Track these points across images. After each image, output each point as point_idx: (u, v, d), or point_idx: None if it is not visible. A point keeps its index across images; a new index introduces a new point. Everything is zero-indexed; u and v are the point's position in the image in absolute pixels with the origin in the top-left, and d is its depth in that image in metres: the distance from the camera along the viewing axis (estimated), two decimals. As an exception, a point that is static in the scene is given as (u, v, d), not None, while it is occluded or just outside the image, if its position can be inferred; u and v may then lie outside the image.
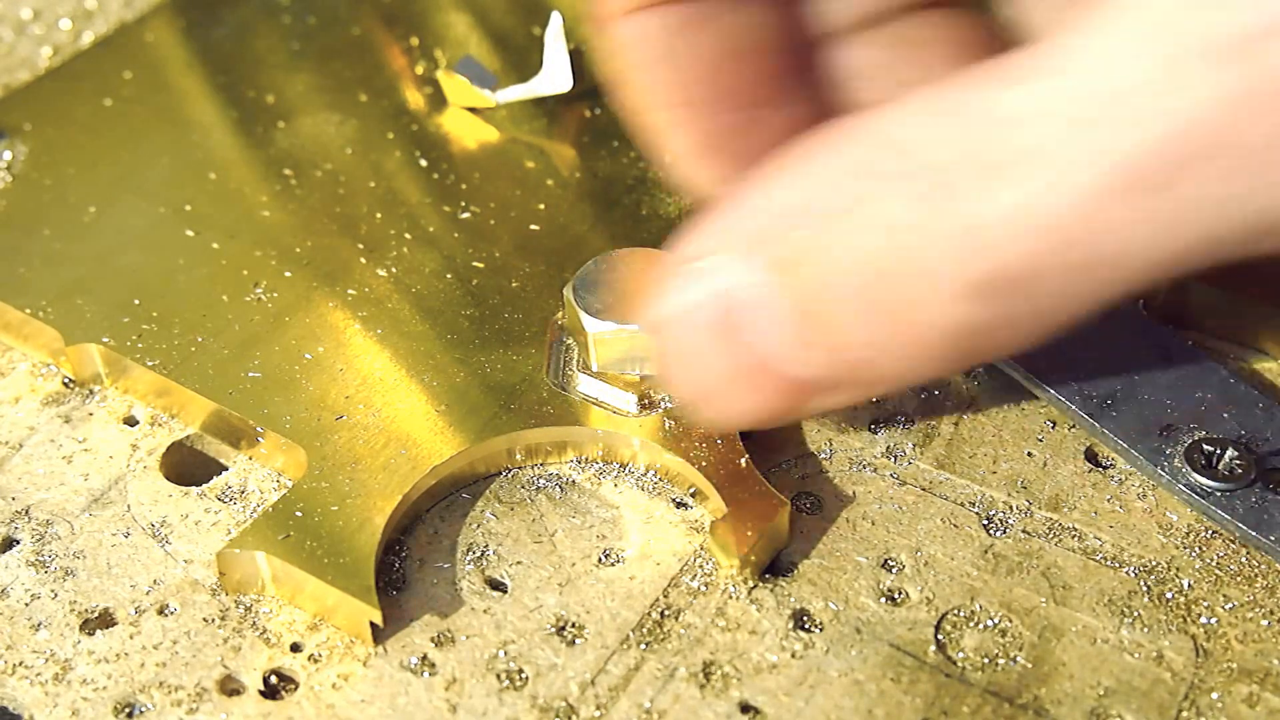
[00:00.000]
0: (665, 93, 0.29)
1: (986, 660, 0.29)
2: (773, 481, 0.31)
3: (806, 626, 0.29)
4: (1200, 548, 0.31)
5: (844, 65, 0.31)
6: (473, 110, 0.42)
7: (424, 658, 0.29)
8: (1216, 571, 0.30)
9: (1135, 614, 0.30)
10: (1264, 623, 0.29)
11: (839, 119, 0.24)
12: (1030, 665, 0.29)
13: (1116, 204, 0.21)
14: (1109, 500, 0.32)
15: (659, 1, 0.28)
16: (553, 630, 0.29)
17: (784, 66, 0.30)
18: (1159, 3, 0.21)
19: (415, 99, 0.42)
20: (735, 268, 0.25)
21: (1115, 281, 0.23)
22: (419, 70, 0.43)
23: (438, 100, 0.42)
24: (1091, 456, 0.33)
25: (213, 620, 0.30)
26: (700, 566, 0.30)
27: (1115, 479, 0.32)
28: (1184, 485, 0.31)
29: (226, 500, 0.32)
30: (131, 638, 0.29)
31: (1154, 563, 0.31)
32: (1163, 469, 0.31)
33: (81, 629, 0.30)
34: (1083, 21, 0.22)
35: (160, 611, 0.30)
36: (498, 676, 0.29)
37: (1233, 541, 0.31)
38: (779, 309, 0.25)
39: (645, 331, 0.29)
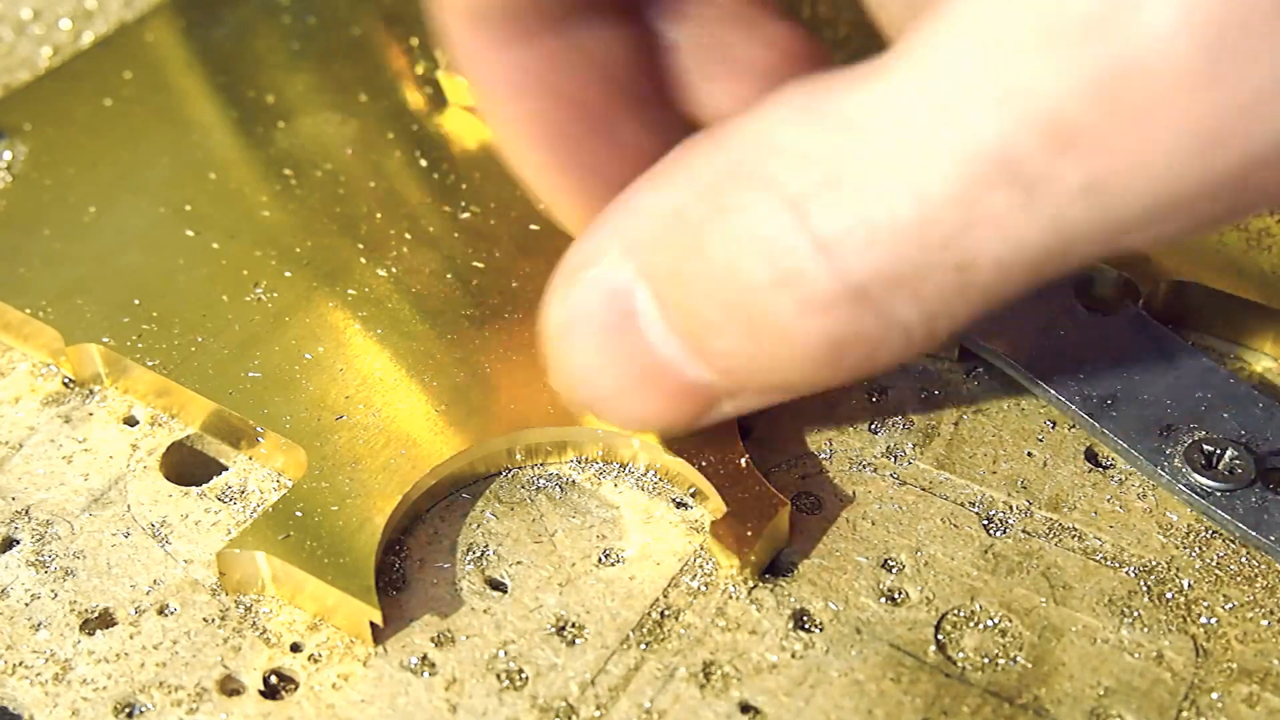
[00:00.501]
0: (533, 125, 0.29)
1: (986, 660, 0.29)
2: (773, 481, 0.31)
3: (806, 626, 0.29)
4: (1200, 548, 0.31)
5: (687, 79, 0.31)
6: (473, 110, 0.42)
7: (424, 658, 0.29)
8: (1216, 571, 0.30)
9: (1135, 614, 0.30)
10: (1264, 623, 0.29)
11: (714, 125, 0.24)
12: (1030, 665, 0.29)
13: (988, 197, 0.21)
14: (1109, 500, 0.32)
15: (531, 33, 0.28)
16: (553, 630, 0.29)
17: (653, 91, 0.30)
18: None
19: (415, 99, 0.42)
20: (621, 273, 0.25)
21: (998, 276, 0.22)
22: (419, 70, 0.43)
23: (438, 100, 0.42)
24: (1091, 456, 0.33)
25: (213, 620, 0.30)
26: (700, 566, 0.31)
27: (1115, 479, 0.32)
28: (1184, 485, 0.31)
29: (226, 500, 0.32)
30: (131, 638, 0.29)
31: (1154, 563, 0.31)
32: (1163, 469, 0.31)
33: (81, 629, 0.30)
34: (934, 15, 0.21)
35: (160, 611, 0.30)
36: (498, 676, 0.29)
37: (1233, 541, 0.31)
38: (663, 316, 0.24)
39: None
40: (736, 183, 0.23)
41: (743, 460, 0.31)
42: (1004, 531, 0.31)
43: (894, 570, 0.30)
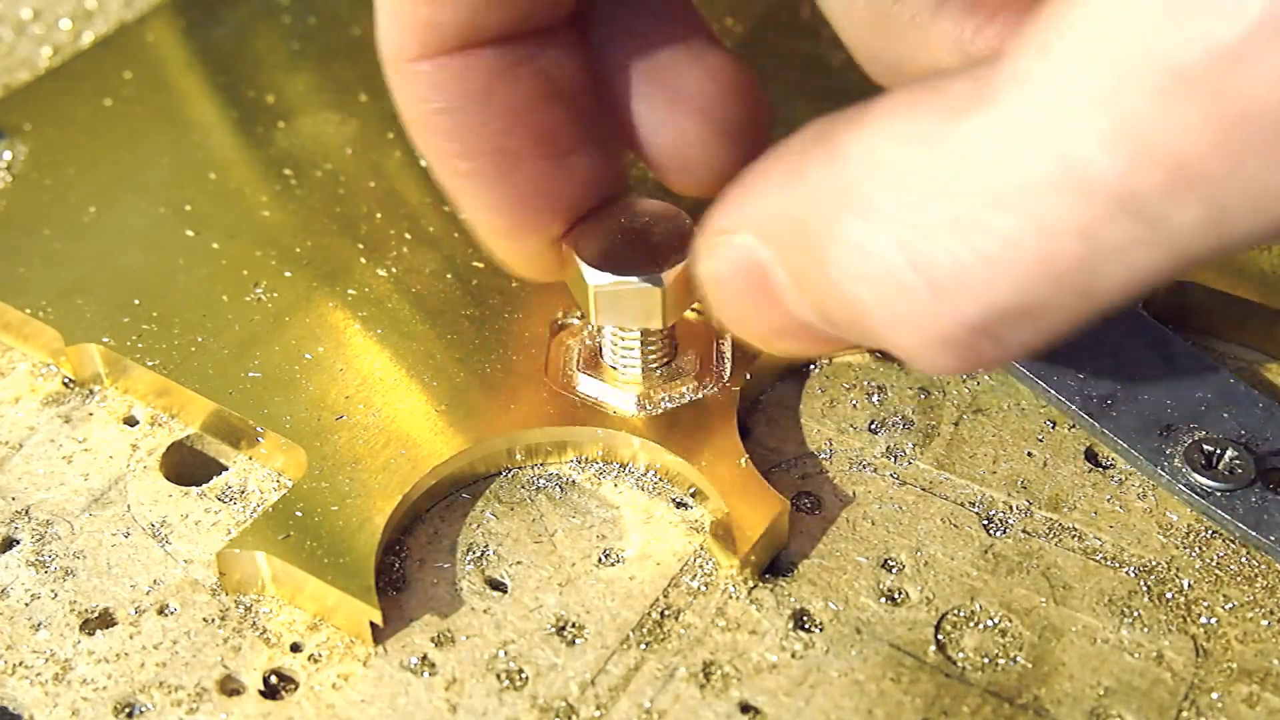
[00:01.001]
0: (479, 140, 0.29)
1: (986, 660, 0.29)
2: (773, 481, 0.31)
3: (806, 626, 0.29)
4: (1200, 548, 0.31)
5: (629, 105, 0.30)
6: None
7: (424, 658, 0.29)
8: (1216, 571, 0.30)
9: (1135, 614, 0.30)
10: (1264, 623, 0.29)
11: (825, 123, 0.24)
12: (1030, 665, 0.29)
13: (1110, 230, 0.21)
14: (1109, 500, 0.32)
15: (471, 44, 0.28)
16: (553, 630, 0.29)
17: (593, 110, 0.30)
18: (1107, 15, 0.20)
19: (415, 99, 0.42)
20: (760, 250, 0.25)
21: (1119, 297, 0.22)
22: (419, 70, 0.43)
23: (438, 100, 0.42)
24: (1091, 456, 0.33)
25: (213, 620, 0.30)
26: (700, 566, 0.30)
27: (1115, 479, 0.32)
28: (1184, 485, 0.31)
29: (226, 500, 0.32)
30: (131, 638, 0.29)
31: (1154, 563, 0.31)
32: (1163, 469, 0.31)
33: (81, 629, 0.30)
34: (1037, 45, 0.21)
35: (160, 611, 0.30)
36: (498, 676, 0.29)
37: (1233, 541, 0.31)
38: (798, 297, 0.25)
39: (646, 284, 0.29)
40: (849, 208, 0.23)
41: (743, 460, 0.31)
42: (1004, 531, 0.31)
43: (894, 570, 0.30)
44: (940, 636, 0.29)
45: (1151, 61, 0.20)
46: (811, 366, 0.35)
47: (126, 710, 0.28)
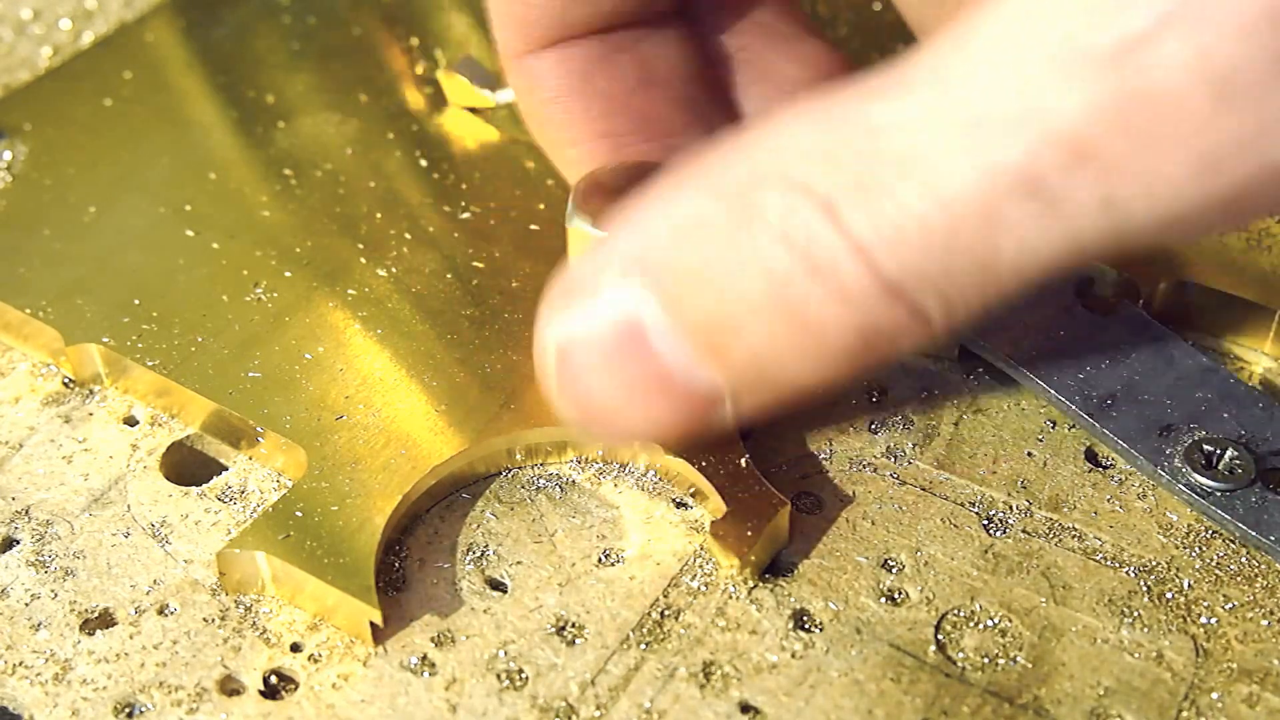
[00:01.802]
0: (581, 126, 0.29)
1: (986, 660, 0.29)
2: (773, 481, 0.31)
3: (806, 626, 0.29)
4: (1200, 548, 0.31)
5: (731, 90, 0.32)
6: (473, 110, 0.42)
7: (424, 658, 0.29)
8: (1216, 571, 0.30)
9: (1135, 614, 0.30)
10: (1264, 623, 0.29)
11: (697, 154, 0.25)
12: (1030, 665, 0.29)
13: (1009, 208, 0.22)
14: (1109, 500, 0.32)
15: (570, 36, 0.29)
16: (553, 630, 0.29)
17: (696, 95, 0.30)
18: (1031, 8, 0.21)
19: (415, 99, 0.42)
20: (624, 291, 0.25)
21: (1015, 278, 0.23)
22: (419, 70, 0.43)
23: (438, 100, 0.42)
24: (1091, 456, 0.33)
25: (213, 620, 0.30)
26: (700, 566, 0.30)
27: (1115, 479, 0.32)
28: (1184, 485, 0.31)
29: (226, 500, 0.32)
30: (131, 638, 0.29)
31: (1154, 563, 0.31)
32: (1163, 469, 0.31)
33: (81, 629, 0.30)
34: (957, 29, 0.22)
35: (160, 611, 0.30)
36: (498, 676, 0.29)
37: (1233, 541, 0.31)
38: (672, 329, 0.25)
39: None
40: (765, 185, 0.23)
41: (743, 460, 0.31)
42: (1004, 531, 0.31)
43: (894, 570, 0.30)
44: (940, 636, 0.29)
45: (1063, 47, 0.21)
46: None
47: (126, 710, 0.28)
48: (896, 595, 0.30)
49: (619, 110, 0.29)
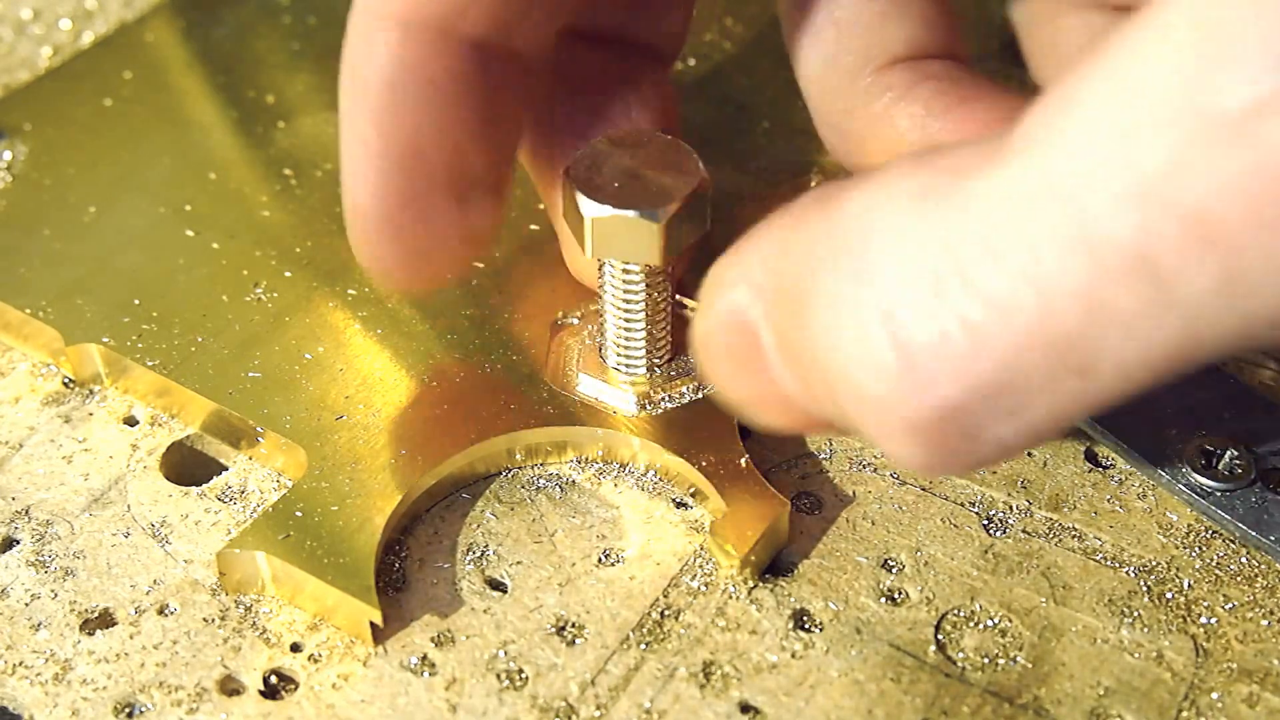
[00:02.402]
0: (394, 124, 0.29)
1: (986, 660, 0.29)
2: (773, 481, 0.31)
3: (806, 626, 0.29)
4: (1200, 548, 0.31)
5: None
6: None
7: (424, 658, 0.29)
8: (1216, 571, 0.30)
9: (1135, 614, 0.30)
10: (1264, 623, 0.29)
11: (834, 185, 0.23)
12: (1030, 665, 0.29)
13: (1117, 294, 0.19)
14: (1109, 500, 0.32)
15: (448, 28, 0.28)
16: (553, 630, 0.29)
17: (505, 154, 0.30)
18: (1149, 60, 0.19)
19: (415, 99, 0.42)
20: (751, 308, 0.24)
21: (1118, 382, 0.20)
22: (419, 70, 0.43)
23: (438, 100, 0.42)
24: (1091, 456, 0.33)
25: (213, 620, 0.30)
26: (700, 566, 0.31)
27: (1115, 479, 0.32)
28: (1184, 485, 0.31)
29: (226, 500, 0.32)
30: (131, 638, 0.29)
31: (1154, 563, 0.31)
32: (1163, 469, 0.31)
33: (81, 629, 0.30)
34: (1057, 101, 0.20)
35: (160, 611, 0.30)
36: (498, 676, 0.29)
37: (1233, 541, 0.31)
38: (779, 356, 0.24)
39: (645, 220, 0.28)
40: (838, 267, 0.21)
41: (743, 460, 0.31)
42: (1004, 531, 0.31)
43: (894, 570, 0.30)
44: (940, 636, 0.29)
45: (1179, 111, 0.18)
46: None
47: (126, 710, 0.28)
48: (896, 595, 0.30)
49: (442, 135, 0.28)
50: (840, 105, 0.31)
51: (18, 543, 0.31)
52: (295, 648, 0.29)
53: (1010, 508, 0.32)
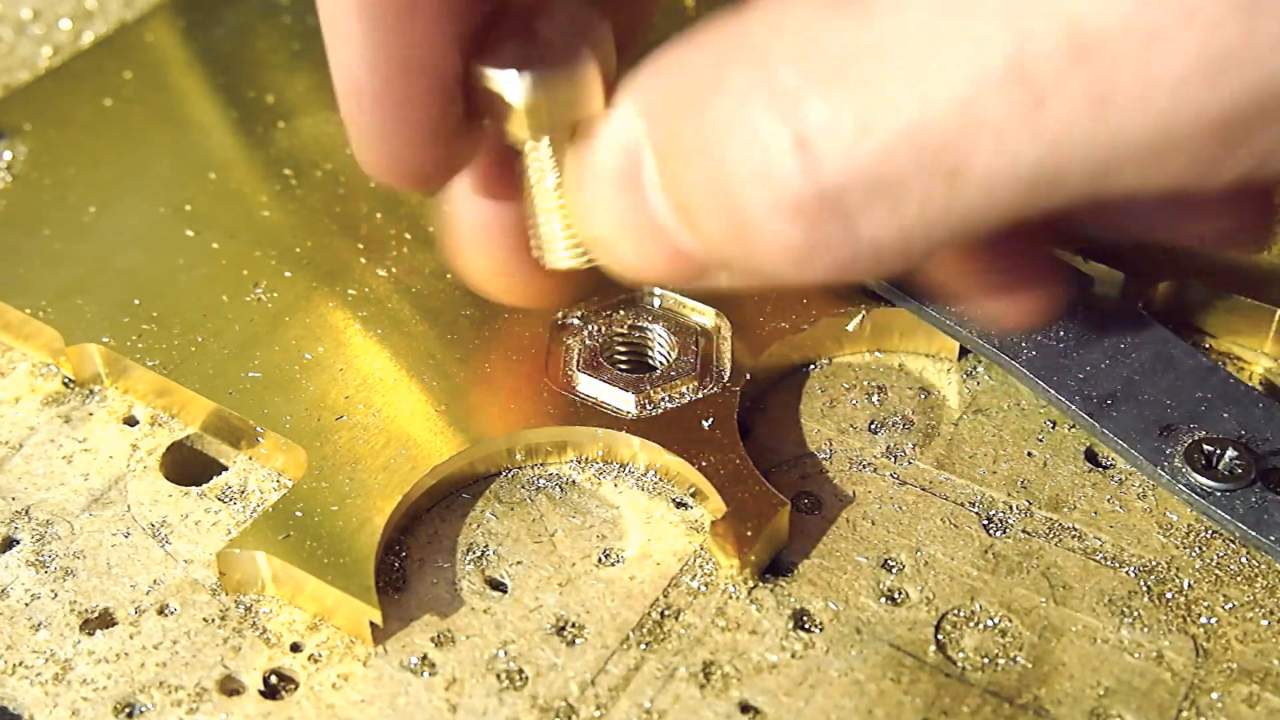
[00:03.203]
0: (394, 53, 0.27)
1: (986, 660, 0.29)
2: (773, 481, 0.31)
3: (806, 626, 0.29)
4: (1200, 548, 0.31)
5: None
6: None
7: (424, 658, 0.29)
8: (1216, 571, 0.30)
9: (1135, 614, 0.30)
10: (1264, 623, 0.29)
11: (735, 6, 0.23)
12: (1030, 665, 0.29)
13: (993, 103, 0.20)
14: (1109, 500, 0.32)
15: None
16: (553, 630, 0.29)
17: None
18: None
19: (415, 99, 0.42)
20: (633, 127, 0.24)
21: (982, 195, 0.21)
22: (419, 70, 0.43)
23: (438, 100, 0.42)
24: (1091, 456, 0.33)
25: (213, 620, 0.30)
26: (700, 566, 0.30)
27: (1115, 479, 0.32)
28: (1184, 485, 0.31)
29: (226, 500, 0.32)
30: (131, 638, 0.29)
31: (1154, 563, 0.31)
32: (1163, 469, 0.31)
33: (81, 629, 0.30)
34: None
35: (160, 611, 0.30)
36: (498, 676, 0.29)
37: (1233, 541, 0.31)
38: (659, 186, 0.24)
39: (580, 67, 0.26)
40: (739, 58, 0.22)
41: (742, 460, 0.31)
42: (1004, 531, 0.31)
43: (894, 570, 0.30)
44: (940, 636, 0.29)
45: None
46: (811, 366, 0.35)
47: (126, 710, 0.28)
48: (896, 595, 0.30)
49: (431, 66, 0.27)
50: None
51: (18, 543, 0.31)
52: (295, 648, 0.29)
53: (1010, 508, 0.32)
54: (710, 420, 0.32)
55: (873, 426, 0.33)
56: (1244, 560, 0.31)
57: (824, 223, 0.22)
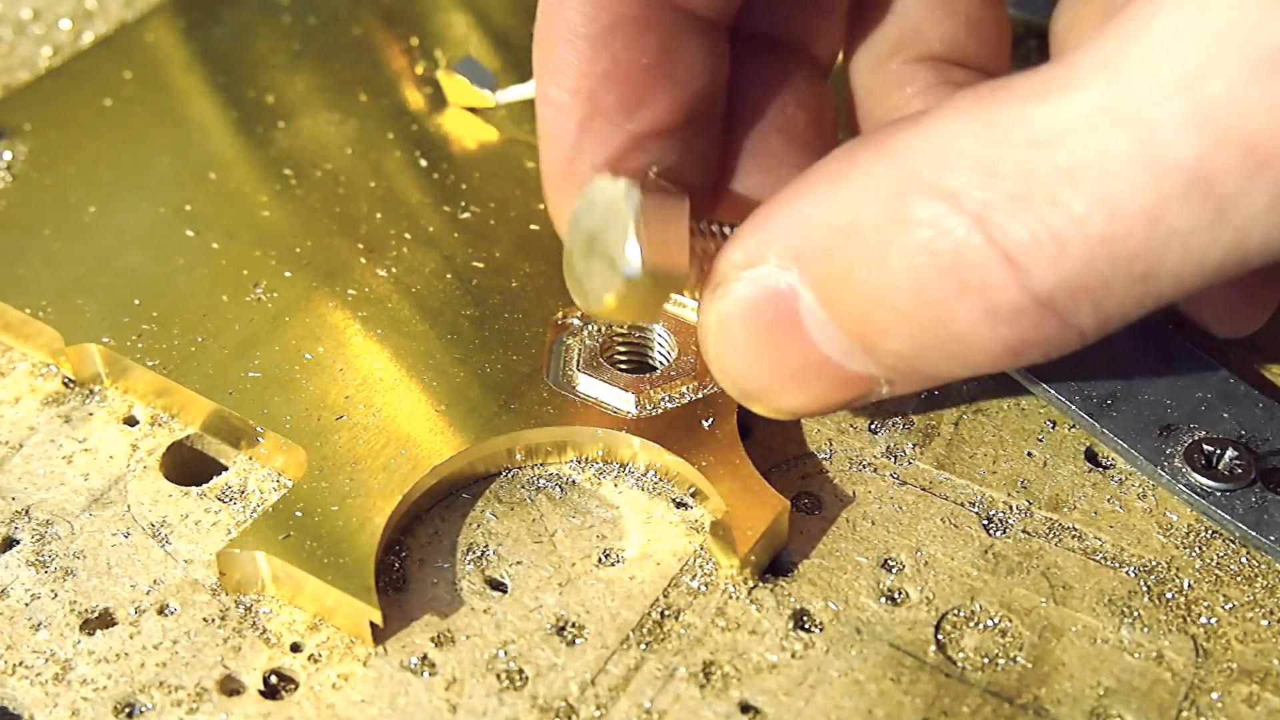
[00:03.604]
0: (575, 71, 0.29)
1: (986, 660, 0.29)
2: (773, 481, 0.31)
3: (806, 626, 0.29)
4: (1200, 548, 0.31)
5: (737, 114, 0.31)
6: (473, 110, 0.42)
7: (424, 658, 0.29)
8: (1216, 571, 0.30)
9: (1135, 614, 0.30)
10: (1264, 623, 0.29)
11: (870, 132, 0.25)
12: (1030, 665, 0.29)
13: (1177, 212, 0.21)
14: (1109, 500, 0.32)
15: None
16: (553, 630, 0.29)
17: (692, 102, 0.30)
18: (1217, 7, 0.21)
19: (415, 99, 0.42)
20: (783, 275, 0.25)
21: (1174, 287, 0.23)
22: (419, 70, 0.43)
23: (438, 100, 0.42)
24: (1091, 456, 0.33)
25: (213, 620, 0.30)
26: (700, 566, 0.30)
27: (1115, 479, 0.32)
28: (1184, 485, 0.31)
29: (226, 500, 0.32)
30: (131, 638, 0.29)
31: (1154, 563, 0.31)
32: (1163, 469, 0.31)
33: (81, 629, 0.30)
34: (1129, 19, 0.21)
35: (160, 611, 0.30)
36: (498, 676, 0.29)
37: (1233, 541, 0.31)
38: (826, 321, 0.25)
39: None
40: (917, 195, 0.23)
41: (742, 460, 0.31)
42: (1004, 531, 0.31)
43: (894, 570, 0.30)
44: (940, 636, 0.29)
45: (1242, 46, 0.20)
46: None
47: (126, 710, 0.28)
48: (896, 595, 0.30)
49: (618, 79, 0.29)
50: (864, 86, 0.33)
51: (18, 543, 0.31)
52: (295, 648, 0.29)
53: (1010, 508, 0.32)
54: (710, 420, 0.32)
55: (873, 426, 0.33)
56: (1244, 560, 0.31)
57: (1041, 322, 0.23)
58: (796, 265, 0.25)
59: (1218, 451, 0.31)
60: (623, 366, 0.34)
